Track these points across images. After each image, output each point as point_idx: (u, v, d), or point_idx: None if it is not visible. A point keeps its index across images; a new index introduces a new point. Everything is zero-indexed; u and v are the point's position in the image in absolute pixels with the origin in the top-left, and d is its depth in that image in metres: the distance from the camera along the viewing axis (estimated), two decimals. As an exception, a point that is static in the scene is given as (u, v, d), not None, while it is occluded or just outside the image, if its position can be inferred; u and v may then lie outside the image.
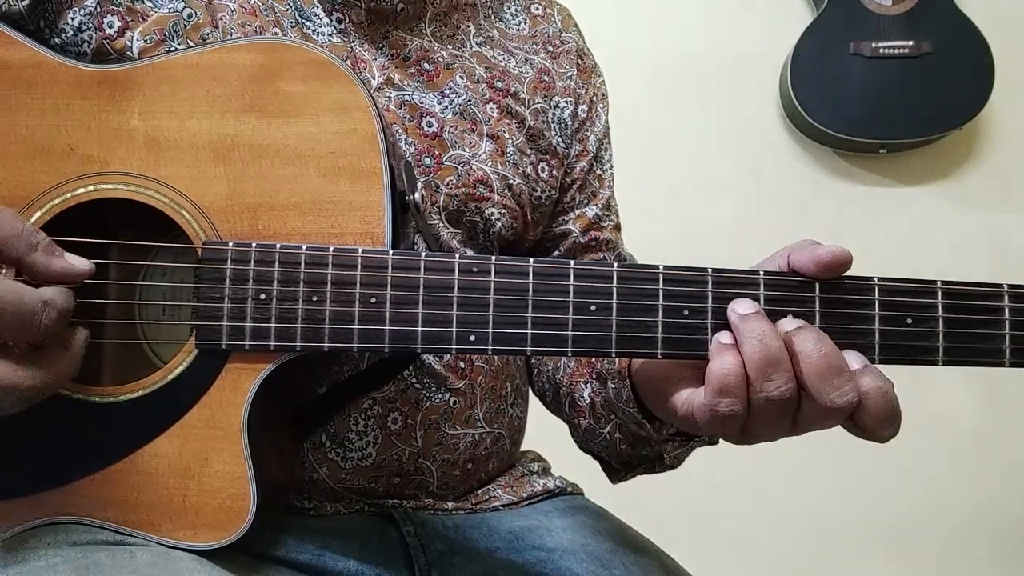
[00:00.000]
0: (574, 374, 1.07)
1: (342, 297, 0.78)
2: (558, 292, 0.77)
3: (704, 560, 1.22)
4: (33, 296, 0.69)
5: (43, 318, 0.69)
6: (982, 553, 2.50)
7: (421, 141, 0.98)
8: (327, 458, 0.93)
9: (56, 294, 0.71)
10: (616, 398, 0.93)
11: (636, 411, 0.90)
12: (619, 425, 0.98)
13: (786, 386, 0.72)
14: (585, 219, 1.14)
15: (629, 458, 1.02)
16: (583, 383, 1.05)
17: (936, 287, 0.75)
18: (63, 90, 0.82)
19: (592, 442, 1.05)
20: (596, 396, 1.01)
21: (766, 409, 0.73)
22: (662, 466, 1.00)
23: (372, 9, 0.99)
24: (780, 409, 0.73)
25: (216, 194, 0.80)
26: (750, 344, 0.72)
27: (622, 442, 0.99)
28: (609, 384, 0.94)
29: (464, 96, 1.02)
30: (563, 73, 1.12)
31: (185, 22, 0.91)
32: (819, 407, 0.72)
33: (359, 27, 0.99)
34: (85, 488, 0.80)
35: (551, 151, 1.09)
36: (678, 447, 0.95)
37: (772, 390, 0.72)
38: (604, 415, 1.00)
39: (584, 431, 1.05)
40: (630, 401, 0.90)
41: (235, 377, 0.79)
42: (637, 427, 0.92)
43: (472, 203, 1.00)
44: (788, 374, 0.72)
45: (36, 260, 0.72)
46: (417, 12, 1.03)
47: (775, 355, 0.72)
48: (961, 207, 2.54)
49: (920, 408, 2.44)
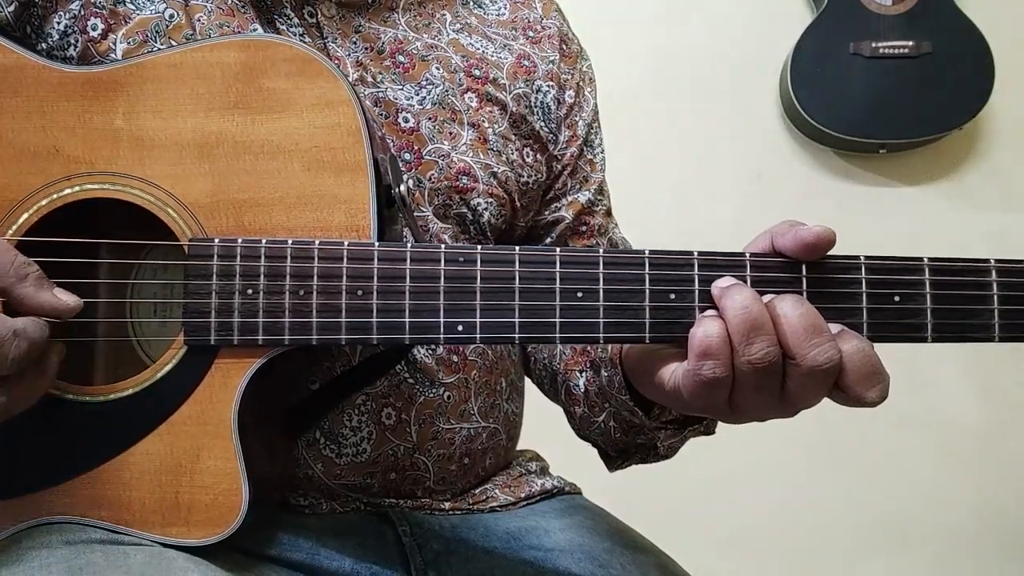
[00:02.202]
0: (569, 362, 1.07)
1: (329, 290, 0.78)
2: (544, 279, 0.76)
3: (703, 560, 1.22)
4: (4, 325, 0.69)
5: (12, 348, 0.68)
6: (982, 553, 2.49)
7: (399, 137, 0.98)
8: (322, 455, 0.93)
9: (29, 324, 0.70)
10: (609, 386, 0.93)
11: (628, 398, 0.90)
12: (613, 413, 0.98)
13: (768, 348, 0.71)
14: (578, 204, 1.14)
15: (624, 446, 1.01)
16: (578, 371, 1.05)
17: (923, 263, 0.75)
18: (47, 92, 0.82)
19: (587, 430, 1.05)
20: (591, 384, 1.01)
21: (750, 376, 0.72)
22: (656, 455, 1.00)
23: (343, 2, 0.99)
24: (765, 374, 0.72)
25: (201, 191, 0.81)
26: (732, 310, 0.72)
27: (616, 430, 0.99)
28: (602, 372, 0.94)
29: (441, 87, 1.02)
30: (545, 57, 1.12)
31: (167, 23, 0.92)
32: (802, 370, 0.71)
33: (331, 21, 0.99)
34: (77, 487, 0.80)
35: (534, 136, 1.09)
36: (671, 436, 0.94)
37: (755, 353, 0.71)
38: (598, 403, 1.00)
39: (580, 419, 1.05)
40: (622, 388, 0.90)
41: (224, 373, 0.79)
42: (630, 414, 0.92)
43: (457, 195, 1.00)
44: (771, 337, 0.72)
45: (24, 292, 0.72)
46: (389, 2, 1.03)
47: (757, 319, 0.72)
48: (961, 207, 2.54)
49: (920, 408, 2.44)
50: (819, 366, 0.71)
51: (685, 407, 0.80)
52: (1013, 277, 0.75)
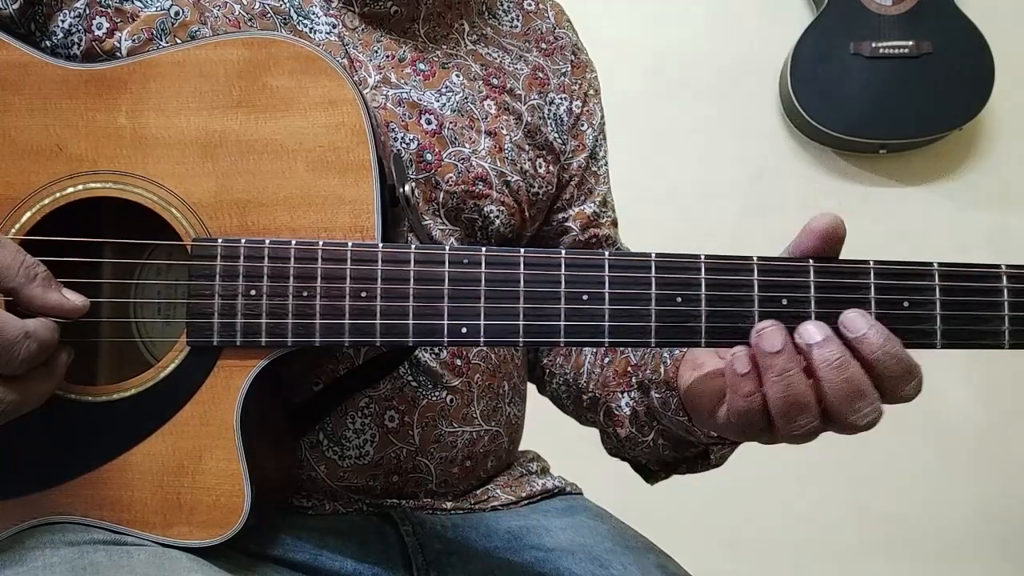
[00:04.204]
0: (607, 383, 1.06)
1: (332, 292, 0.77)
2: (549, 282, 0.76)
3: (703, 560, 1.22)
4: (15, 326, 0.69)
5: (22, 349, 0.69)
6: (982, 553, 2.49)
7: (423, 137, 0.98)
8: (325, 456, 0.93)
9: (39, 326, 0.71)
10: (663, 407, 0.92)
11: (686, 419, 0.89)
12: (662, 431, 0.97)
13: (810, 424, 0.73)
14: (584, 216, 1.14)
15: (672, 460, 1.01)
16: (620, 392, 1.03)
17: (933, 269, 0.74)
18: (51, 90, 0.82)
19: (632, 450, 1.04)
20: (638, 405, 1.00)
21: (787, 438, 0.75)
22: (706, 465, 1.00)
23: (366, 14, 0.99)
24: (804, 437, 0.74)
25: (205, 191, 0.80)
26: (774, 387, 0.73)
27: (665, 447, 0.98)
28: (653, 394, 0.94)
29: (461, 93, 1.02)
30: (557, 70, 1.12)
31: (172, 19, 0.91)
32: (843, 427, 0.73)
33: (353, 32, 0.98)
34: (80, 487, 0.79)
35: (548, 147, 1.09)
36: (725, 448, 0.95)
37: (796, 431, 0.73)
38: (647, 423, 0.98)
39: (623, 439, 1.03)
40: (679, 409, 0.89)
41: (227, 374, 0.79)
42: (686, 433, 0.92)
43: (471, 200, 1.00)
44: (813, 412, 0.73)
45: (33, 292, 0.73)
46: (411, 13, 1.02)
47: (799, 400, 0.72)
48: (961, 207, 2.54)
49: (920, 408, 2.43)
50: (859, 428, 0.73)
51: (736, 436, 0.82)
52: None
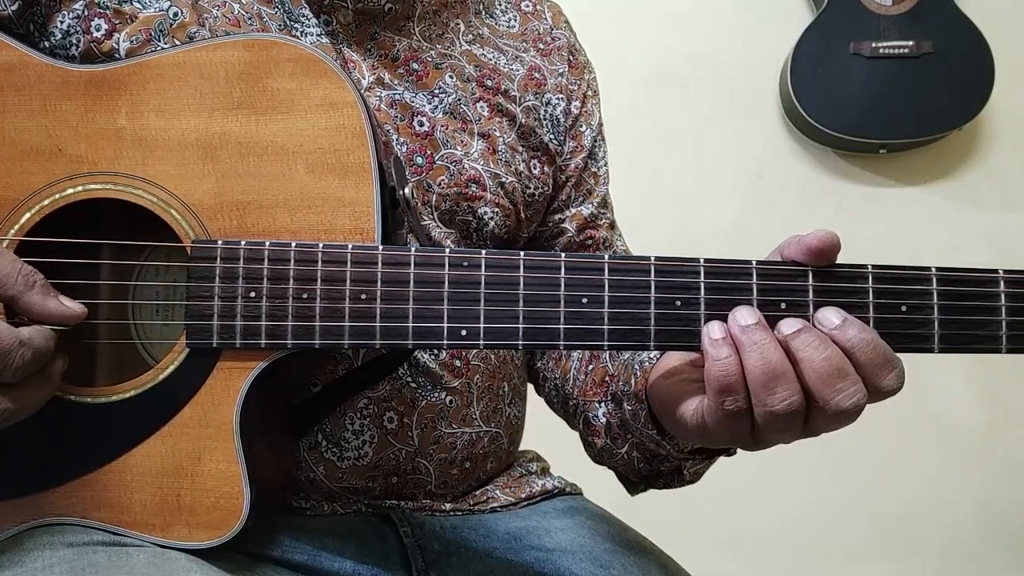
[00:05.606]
0: (586, 391, 1.05)
1: (332, 294, 0.77)
2: (549, 285, 0.76)
3: (704, 561, 1.22)
4: (10, 335, 0.69)
5: (17, 358, 0.69)
6: (982, 553, 2.50)
7: (413, 140, 0.98)
8: (324, 458, 0.93)
9: (35, 334, 0.71)
10: (633, 419, 0.91)
11: (655, 432, 0.88)
12: (636, 444, 0.97)
13: (791, 398, 0.71)
14: (581, 217, 1.13)
15: (647, 474, 1.00)
16: (596, 402, 1.03)
17: (931, 273, 0.74)
18: (50, 91, 0.81)
19: (609, 460, 1.03)
20: (612, 416, 0.99)
21: (771, 421, 0.72)
22: (681, 481, 0.98)
23: (360, 10, 0.99)
24: (786, 420, 0.72)
25: (204, 192, 0.80)
26: (751, 357, 0.71)
27: (639, 460, 0.98)
28: (625, 406, 0.93)
29: (454, 95, 1.02)
30: (555, 70, 1.12)
31: (171, 21, 0.91)
32: (827, 414, 0.71)
33: (346, 28, 0.98)
34: (79, 489, 0.80)
35: (543, 148, 1.08)
36: (697, 463, 0.94)
37: (776, 404, 0.71)
38: (621, 435, 0.98)
39: (600, 450, 1.03)
40: (648, 422, 0.88)
41: (227, 375, 0.79)
42: (656, 446, 0.91)
43: (464, 202, 1.00)
44: (792, 385, 0.71)
45: (32, 300, 0.73)
46: (406, 11, 1.02)
47: (776, 368, 0.71)
48: (961, 207, 2.54)
49: (920, 408, 2.44)
50: (844, 411, 0.71)
51: (710, 440, 0.80)
52: (1022, 288, 0.74)
